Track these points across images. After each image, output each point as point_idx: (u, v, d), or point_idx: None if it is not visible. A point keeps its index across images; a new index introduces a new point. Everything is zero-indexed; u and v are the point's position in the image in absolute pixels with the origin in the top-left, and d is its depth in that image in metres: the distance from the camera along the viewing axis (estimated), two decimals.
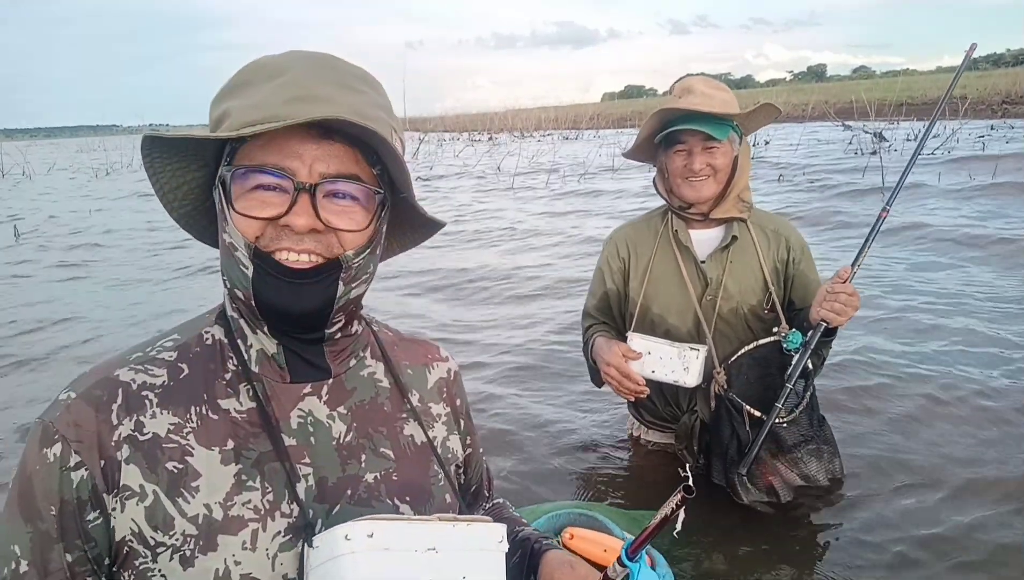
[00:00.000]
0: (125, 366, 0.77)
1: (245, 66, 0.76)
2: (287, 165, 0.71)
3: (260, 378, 0.79)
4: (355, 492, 0.79)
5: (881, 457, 2.51)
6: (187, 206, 0.81)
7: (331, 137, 0.72)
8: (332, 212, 0.73)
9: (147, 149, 0.74)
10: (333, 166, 0.72)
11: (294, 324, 0.77)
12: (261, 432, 0.77)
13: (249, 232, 0.72)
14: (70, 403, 0.73)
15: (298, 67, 0.73)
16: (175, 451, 0.73)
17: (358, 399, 0.84)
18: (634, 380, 2.00)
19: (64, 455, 0.70)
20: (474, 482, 1.02)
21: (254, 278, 0.73)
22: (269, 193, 0.72)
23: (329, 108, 0.70)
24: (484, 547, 0.71)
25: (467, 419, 0.99)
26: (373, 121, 0.71)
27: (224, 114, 0.74)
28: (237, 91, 0.74)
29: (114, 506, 0.71)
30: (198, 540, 0.71)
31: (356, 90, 0.74)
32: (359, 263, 0.76)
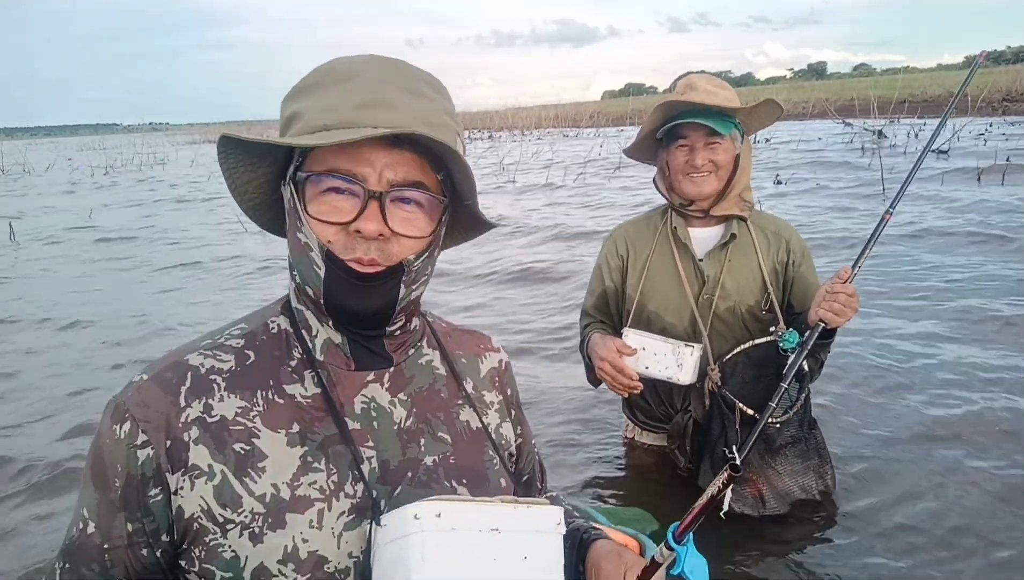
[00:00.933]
0: (195, 351, 0.81)
1: (317, 67, 0.80)
2: (358, 172, 0.75)
3: (325, 366, 0.83)
4: (415, 474, 0.83)
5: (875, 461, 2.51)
6: (256, 199, 0.85)
7: (400, 145, 0.75)
8: (398, 218, 0.76)
9: (223, 147, 0.77)
10: (401, 173, 0.76)
11: (358, 322, 0.81)
12: (326, 416, 0.80)
13: (323, 235, 0.76)
14: (141, 384, 0.77)
15: (368, 71, 0.76)
16: (242, 433, 0.77)
17: (417, 386, 0.88)
18: (628, 375, 1.98)
19: (132, 433, 0.74)
20: (526, 472, 1.04)
21: (326, 279, 0.77)
22: (340, 197, 0.75)
23: (398, 115, 0.73)
24: (543, 529, 0.73)
25: (518, 409, 1.02)
26: (440, 128, 0.75)
27: (295, 115, 0.77)
28: (308, 92, 0.77)
29: (181, 484, 0.74)
30: (266, 518, 0.74)
31: (424, 96, 0.77)
32: (419, 267, 0.80)
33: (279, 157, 0.81)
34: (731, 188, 2.07)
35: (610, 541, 0.94)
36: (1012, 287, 4.52)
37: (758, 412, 1.98)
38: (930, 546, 2.03)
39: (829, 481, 2.09)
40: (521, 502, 0.74)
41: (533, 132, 30.35)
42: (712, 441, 2.05)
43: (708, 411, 2.09)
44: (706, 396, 2.09)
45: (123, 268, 7.07)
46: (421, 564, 0.68)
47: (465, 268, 6.12)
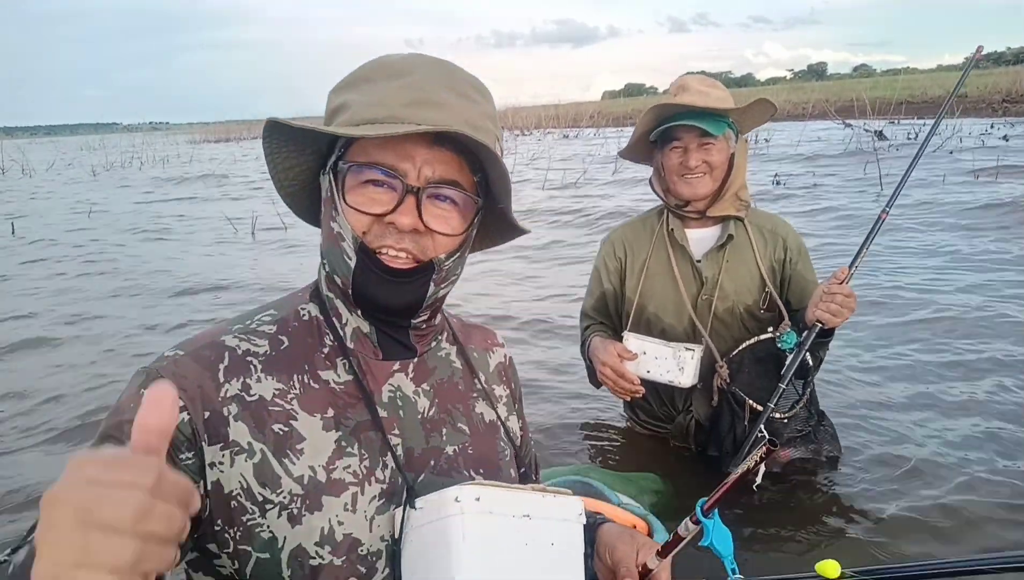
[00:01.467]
0: (229, 334, 0.81)
1: (367, 63, 0.81)
2: (399, 166, 0.76)
3: (355, 354, 0.84)
4: (437, 463, 0.85)
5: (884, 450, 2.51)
6: (295, 186, 0.87)
7: (442, 143, 0.77)
8: (433, 215, 0.78)
9: (268, 132, 0.79)
10: (439, 171, 0.77)
11: (385, 314, 0.83)
12: (358, 402, 0.82)
13: (358, 226, 0.77)
14: (178, 358, 0.77)
15: (419, 71, 0.78)
16: (280, 414, 0.78)
17: (438, 377, 0.90)
18: (629, 380, 2.00)
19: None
20: (524, 465, 1.06)
21: (355, 270, 0.79)
22: (378, 189, 0.77)
23: (445, 115, 0.75)
24: (567, 518, 0.77)
25: (520, 404, 1.05)
26: (482, 131, 0.77)
27: (343, 106, 0.79)
28: (357, 85, 0.79)
29: (221, 459, 0.74)
30: (304, 499, 0.75)
31: (470, 99, 0.79)
32: (449, 266, 0.82)
33: (321, 147, 0.83)
34: (727, 188, 2.07)
35: (617, 525, 0.97)
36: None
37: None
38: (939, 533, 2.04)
39: (836, 450, 2.11)
40: (548, 491, 0.77)
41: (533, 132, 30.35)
42: (721, 437, 2.06)
43: (717, 407, 2.10)
44: (715, 393, 2.10)
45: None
46: (462, 543, 0.70)
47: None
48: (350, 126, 0.76)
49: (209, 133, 48.82)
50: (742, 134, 2.12)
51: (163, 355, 0.78)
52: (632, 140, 2.16)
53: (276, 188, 0.87)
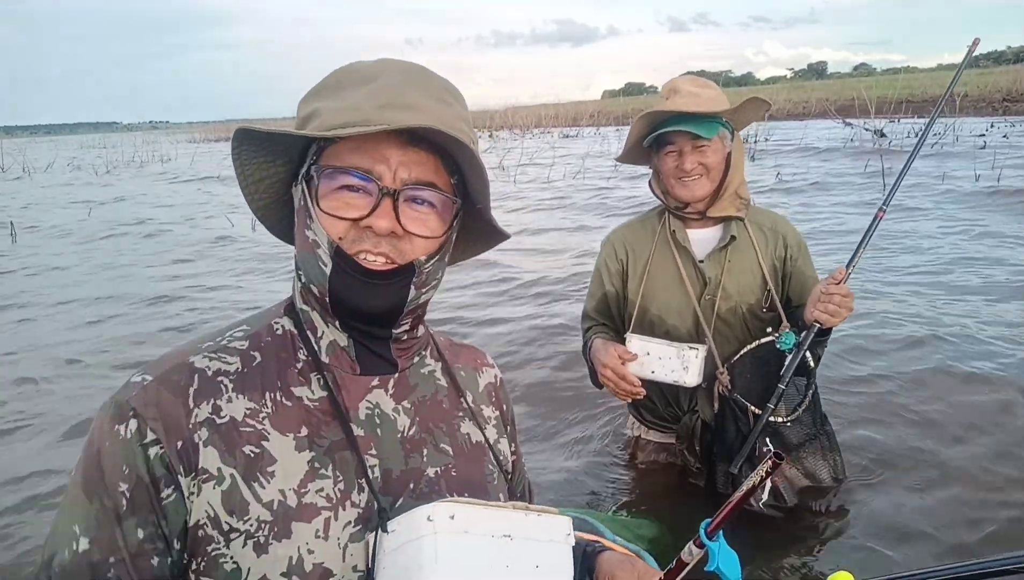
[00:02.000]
0: (199, 354, 0.78)
1: (338, 69, 0.79)
2: (374, 169, 0.75)
3: (331, 369, 0.81)
4: (417, 485, 0.81)
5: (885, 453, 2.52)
6: (266, 198, 0.84)
7: (416, 145, 0.75)
8: (410, 217, 0.77)
9: (238, 141, 0.77)
10: (415, 173, 0.76)
11: (364, 322, 0.80)
12: (332, 421, 0.78)
13: (333, 231, 0.75)
14: (146, 384, 0.74)
15: (390, 75, 0.76)
16: (252, 435, 0.75)
17: (420, 395, 0.87)
18: (630, 382, 1.99)
19: (140, 430, 0.71)
20: (517, 490, 1.03)
21: (331, 275, 0.76)
22: (353, 194, 0.75)
23: (418, 116, 0.73)
24: (554, 538, 0.72)
25: (512, 427, 1.01)
26: (457, 133, 0.74)
27: (314, 113, 0.77)
28: (328, 92, 0.77)
29: (192, 489, 0.71)
30: (272, 527, 0.72)
31: (444, 101, 0.77)
32: (430, 269, 0.80)
33: (293, 157, 0.81)
34: (726, 186, 2.06)
35: (618, 552, 0.93)
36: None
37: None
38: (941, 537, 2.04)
39: (840, 471, 2.10)
40: (532, 509, 0.73)
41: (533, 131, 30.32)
42: (728, 443, 2.05)
43: (720, 414, 2.09)
44: (716, 399, 2.09)
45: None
46: (435, 565, 0.66)
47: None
48: (323, 131, 0.74)
49: (209, 132, 48.77)
50: (737, 131, 2.11)
51: (131, 382, 0.75)
52: (627, 146, 2.14)
53: (247, 201, 0.84)
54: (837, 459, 2.10)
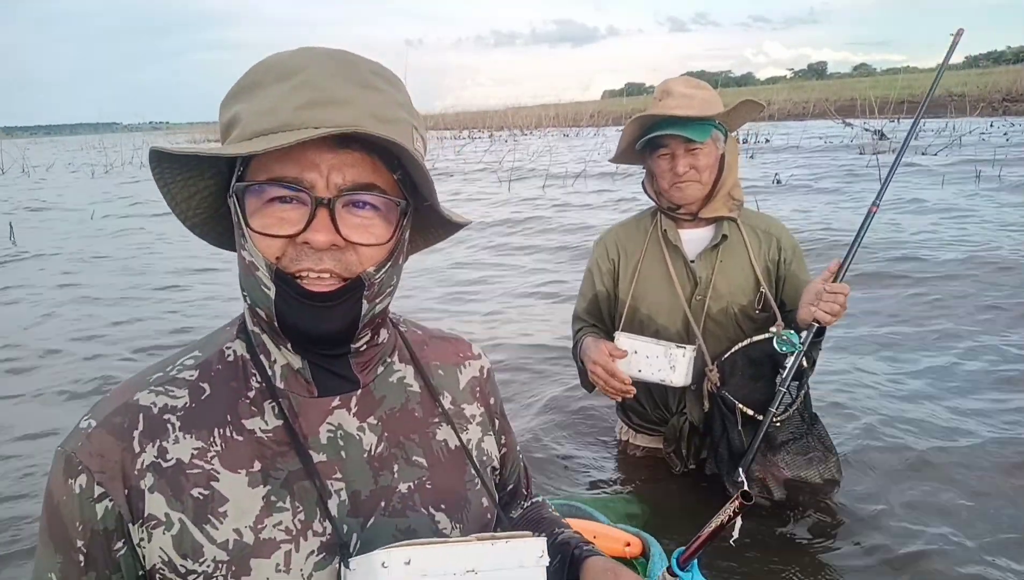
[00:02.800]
0: (145, 388, 0.75)
1: (255, 65, 0.72)
2: (304, 177, 0.68)
3: (286, 394, 0.76)
4: (389, 503, 0.77)
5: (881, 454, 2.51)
6: (201, 214, 0.78)
7: (348, 145, 0.68)
8: (351, 225, 0.70)
9: (155, 162, 0.70)
10: (351, 176, 0.69)
11: (318, 344, 0.75)
12: (289, 450, 0.74)
13: (269, 252, 0.69)
14: (90, 432, 0.71)
15: (312, 66, 0.68)
16: (200, 476, 0.71)
17: (388, 407, 0.81)
18: (620, 379, 1.96)
19: (88, 486, 0.69)
20: (511, 482, 1.00)
21: (277, 300, 0.70)
22: (286, 206, 0.69)
23: (346, 113, 0.66)
24: (524, 564, 0.69)
25: (501, 418, 0.96)
26: (393, 123, 0.68)
27: (234, 119, 0.70)
28: (247, 93, 0.70)
29: (142, 536, 0.70)
30: (230, 566, 0.70)
31: (375, 88, 0.70)
32: (381, 278, 0.73)
33: (222, 168, 0.74)
34: (719, 188, 2.05)
35: (604, 558, 0.89)
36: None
37: (759, 412, 1.97)
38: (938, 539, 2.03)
39: (834, 471, 2.08)
40: (499, 538, 0.69)
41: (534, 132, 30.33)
42: (715, 442, 2.04)
43: (708, 412, 2.08)
44: (705, 398, 2.08)
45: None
46: None
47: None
48: (241, 142, 0.67)
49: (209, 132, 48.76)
50: (731, 132, 2.10)
51: (78, 427, 0.72)
52: (620, 148, 2.13)
53: (179, 219, 0.77)
54: (831, 459, 2.09)
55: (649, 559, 1.42)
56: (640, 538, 1.48)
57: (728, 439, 2.01)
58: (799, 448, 2.04)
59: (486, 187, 12.39)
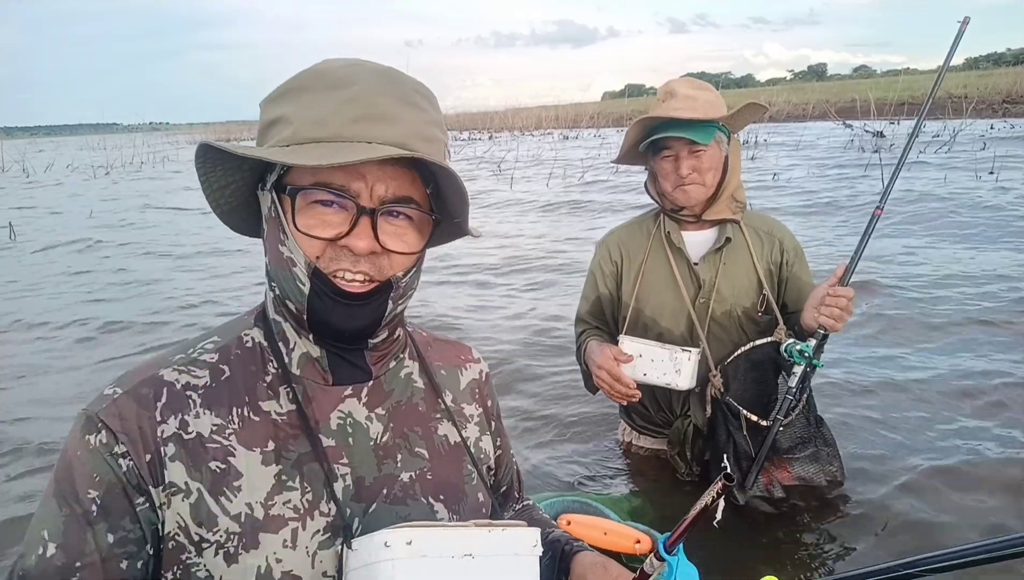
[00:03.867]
0: (169, 367, 0.79)
1: (305, 70, 0.76)
2: (351, 186, 0.72)
3: (301, 380, 0.81)
4: (391, 491, 0.81)
5: (883, 457, 2.50)
6: (231, 203, 0.82)
7: (392, 159, 0.72)
8: (389, 234, 0.75)
9: (202, 152, 0.74)
10: (392, 189, 0.74)
11: (342, 338, 0.80)
12: (301, 434, 0.79)
13: (310, 251, 0.73)
14: (116, 397, 0.75)
15: (363, 81, 0.73)
16: (218, 451, 0.75)
17: (395, 400, 0.86)
18: (624, 383, 1.96)
19: (109, 442, 0.72)
20: (504, 483, 1.04)
21: (310, 296, 0.75)
22: (328, 210, 0.73)
23: (394, 130, 0.71)
24: (519, 552, 0.72)
25: (498, 421, 1.00)
26: (432, 142, 0.74)
27: (281, 120, 0.74)
28: (294, 96, 0.74)
29: (162, 501, 0.73)
30: (241, 538, 0.73)
31: (417, 106, 0.75)
32: (407, 282, 0.79)
33: (258, 162, 0.78)
34: (723, 190, 2.05)
35: (593, 552, 0.93)
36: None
37: (762, 416, 1.98)
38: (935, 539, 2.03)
39: (837, 472, 2.08)
40: (496, 525, 0.72)
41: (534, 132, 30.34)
42: (719, 448, 2.03)
43: (712, 418, 2.07)
44: (708, 403, 2.07)
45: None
46: None
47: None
48: (293, 145, 0.71)
49: (209, 133, 48.79)
50: (734, 134, 2.10)
51: (103, 394, 0.76)
52: (623, 149, 2.13)
53: (212, 207, 0.82)
54: (835, 461, 2.08)
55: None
56: (650, 536, 1.48)
57: (735, 444, 2.00)
58: (807, 452, 2.04)
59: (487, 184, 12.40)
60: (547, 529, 1.01)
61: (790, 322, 2.04)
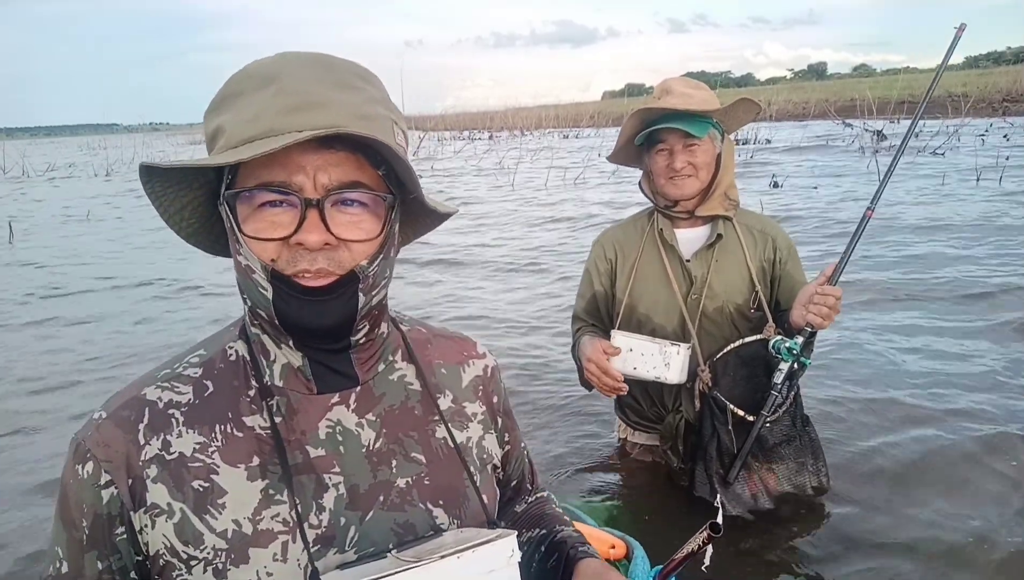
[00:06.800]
0: (153, 384, 0.79)
1: (234, 75, 0.73)
2: (292, 181, 0.70)
3: (285, 392, 0.79)
4: (387, 498, 0.80)
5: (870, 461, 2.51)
6: (194, 224, 0.80)
7: (332, 145, 0.70)
8: (342, 223, 0.72)
9: (146, 177, 0.72)
10: (336, 175, 0.71)
11: (319, 338, 0.77)
12: (286, 447, 0.78)
13: (264, 255, 0.71)
14: (100, 423, 0.76)
15: (290, 71, 0.70)
16: (200, 470, 0.75)
17: (387, 404, 0.84)
18: (612, 376, 1.97)
19: (95, 473, 0.74)
20: (514, 477, 1.02)
21: (275, 299, 0.73)
22: (276, 210, 0.71)
23: (327, 114, 0.68)
24: (494, 568, 0.71)
25: (505, 415, 0.98)
26: (373, 120, 0.70)
27: (218, 130, 0.72)
28: (229, 103, 0.72)
29: (145, 523, 0.74)
30: (229, 554, 0.73)
31: (353, 88, 0.72)
32: (375, 271, 0.75)
33: (211, 177, 0.76)
34: (715, 187, 2.07)
35: (597, 560, 0.90)
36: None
37: (749, 412, 1.99)
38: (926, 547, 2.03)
39: (823, 478, 2.09)
40: (467, 547, 0.70)
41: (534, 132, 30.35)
42: (704, 442, 2.06)
43: (699, 412, 2.09)
44: (696, 397, 2.09)
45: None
46: None
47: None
48: (227, 150, 0.69)
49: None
50: (728, 133, 2.12)
51: (91, 418, 0.77)
52: (618, 144, 2.15)
53: (173, 229, 0.79)
54: (821, 466, 2.09)
55: (632, 561, 1.45)
56: (624, 541, 1.51)
57: (718, 439, 2.02)
58: (792, 451, 2.05)
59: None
60: (557, 527, 0.99)
61: (781, 320, 2.06)
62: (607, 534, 1.52)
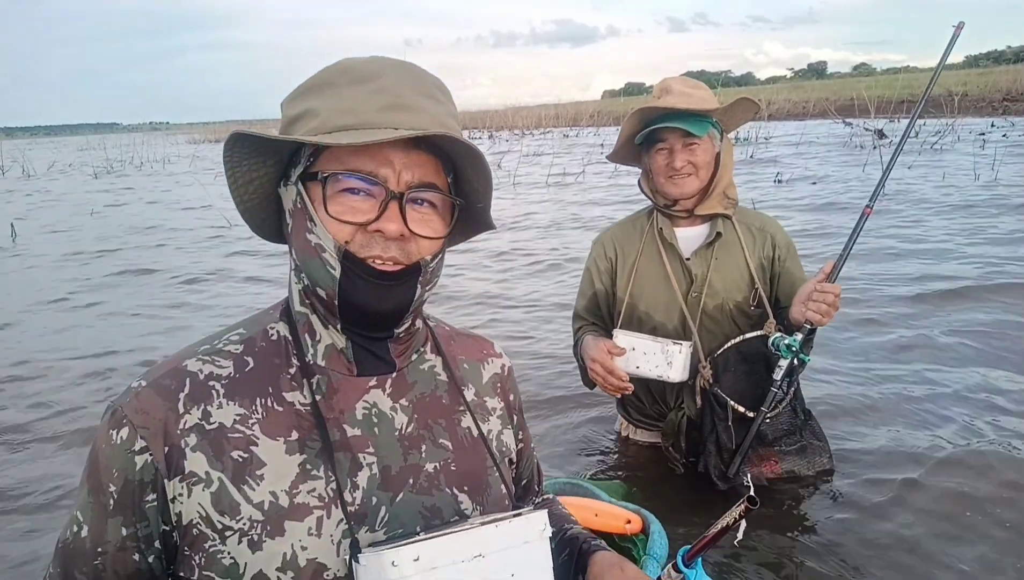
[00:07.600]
0: (193, 357, 0.80)
1: (326, 67, 0.79)
2: (379, 172, 0.75)
3: (326, 371, 0.82)
4: (416, 480, 0.82)
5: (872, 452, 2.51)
6: (255, 200, 0.84)
7: (418, 147, 0.76)
8: (415, 219, 0.77)
9: (231, 144, 0.76)
10: (418, 175, 0.76)
11: (371, 323, 0.81)
12: (325, 423, 0.80)
13: (340, 235, 0.75)
14: (140, 391, 0.77)
15: (387, 73, 0.76)
16: (240, 440, 0.76)
17: (419, 392, 0.87)
18: (618, 376, 2.00)
19: (130, 438, 0.74)
20: (525, 476, 1.05)
21: (341, 279, 0.76)
22: (356, 197, 0.75)
23: (420, 118, 0.74)
24: (528, 539, 0.73)
25: (520, 415, 1.02)
26: (453, 130, 0.76)
27: (307, 113, 0.76)
28: (319, 91, 0.77)
29: (180, 491, 0.74)
30: (265, 525, 0.74)
31: (437, 99, 0.78)
32: (433, 267, 0.81)
33: (283, 157, 0.81)
34: (714, 186, 2.09)
35: (611, 552, 0.93)
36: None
37: (750, 409, 2.01)
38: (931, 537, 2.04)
39: (827, 462, 2.11)
40: (501, 519, 0.73)
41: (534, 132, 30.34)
42: (704, 438, 2.07)
43: (701, 409, 2.11)
44: (698, 394, 2.11)
45: None
46: None
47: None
48: (322, 134, 0.73)
49: (209, 133, 48.78)
50: (727, 133, 2.14)
51: (130, 387, 0.78)
52: (618, 143, 2.17)
53: (236, 203, 0.83)
54: (824, 455, 2.10)
55: (649, 536, 1.44)
56: (640, 515, 1.50)
57: (717, 435, 2.04)
58: (793, 443, 2.08)
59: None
60: (566, 525, 1.02)
61: (780, 317, 2.07)
62: (623, 509, 1.53)
